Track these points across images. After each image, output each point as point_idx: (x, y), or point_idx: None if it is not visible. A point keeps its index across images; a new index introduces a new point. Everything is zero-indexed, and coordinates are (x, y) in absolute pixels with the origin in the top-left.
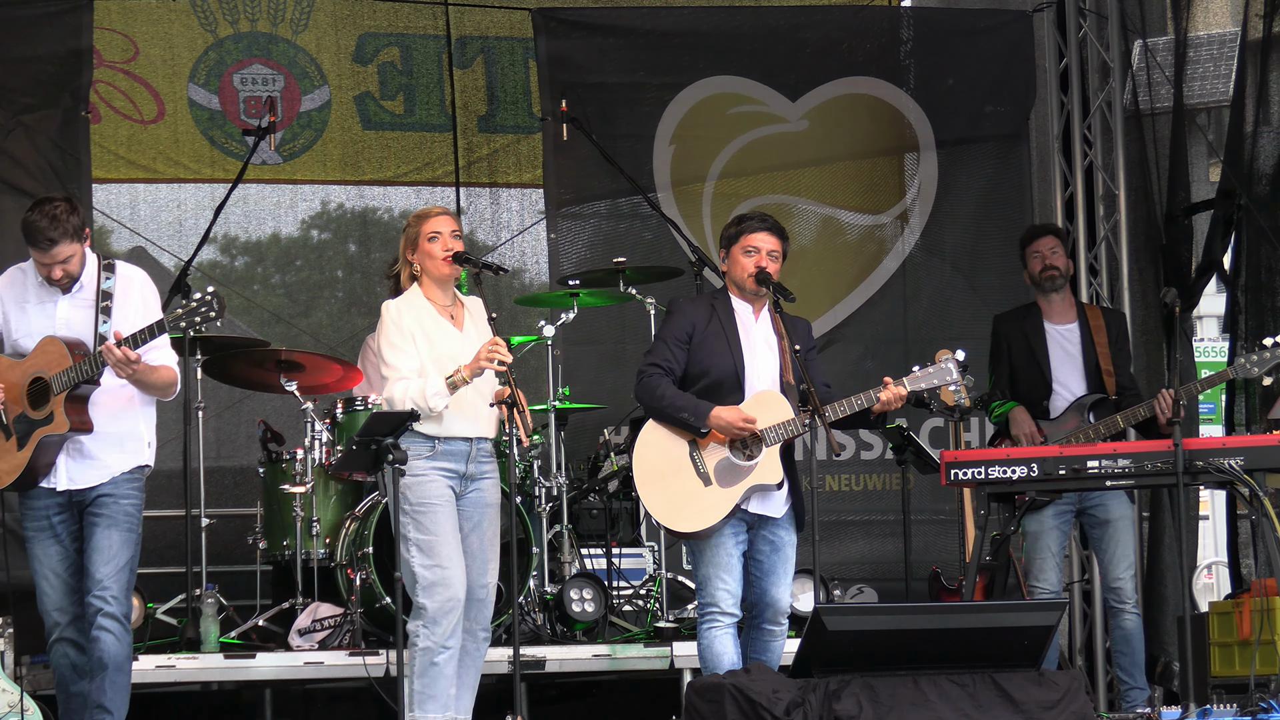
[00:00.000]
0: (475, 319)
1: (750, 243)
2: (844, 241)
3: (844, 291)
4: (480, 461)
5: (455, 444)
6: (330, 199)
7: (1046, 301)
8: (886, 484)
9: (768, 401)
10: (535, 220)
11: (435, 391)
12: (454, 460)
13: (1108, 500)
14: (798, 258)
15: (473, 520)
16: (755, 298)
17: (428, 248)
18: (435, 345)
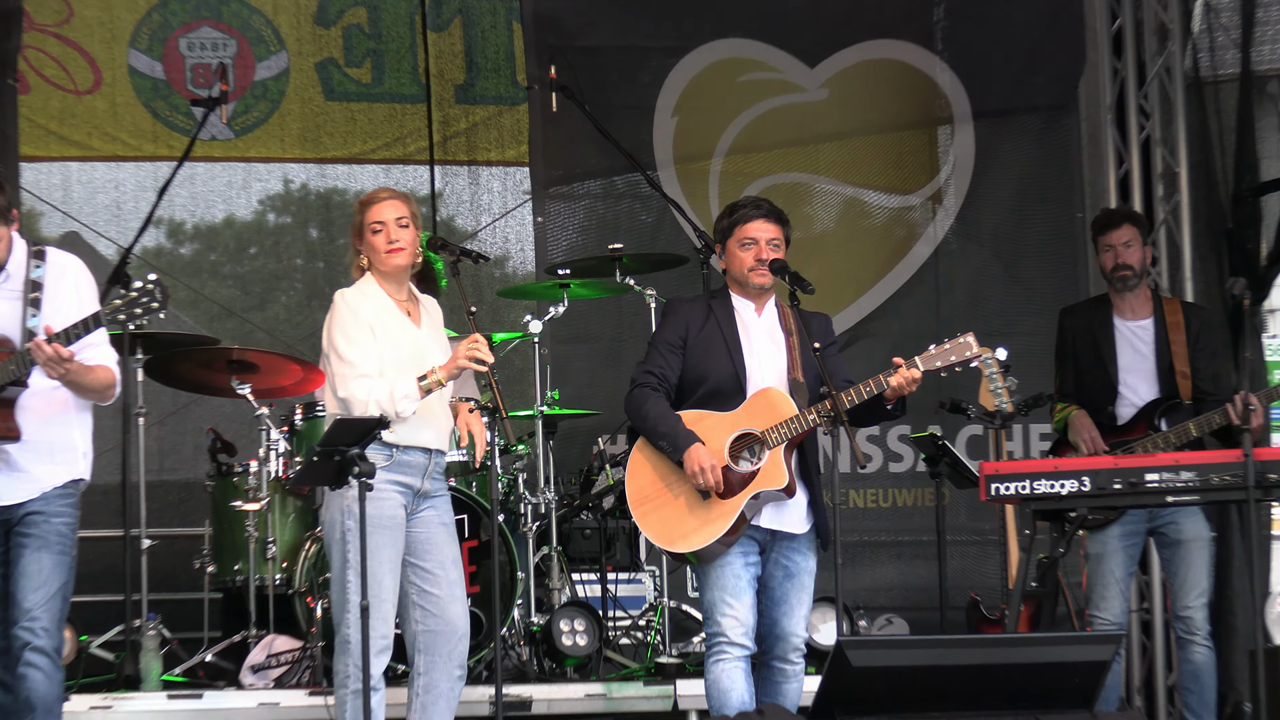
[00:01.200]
0: (432, 319)
1: (746, 234)
2: (869, 225)
3: (870, 282)
4: (435, 478)
5: (414, 455)
6: (289, 178)
7: (1119, 296)
8: (918, 500)
9: (770, 401)
10: (520, 202)
11: (405, 394)
12: (410, 473)
13: (1181, 519)
14: (817, 244)
15: (429, 543)
16: (759, 293)
17: (371, 240)
18: (395, 342)
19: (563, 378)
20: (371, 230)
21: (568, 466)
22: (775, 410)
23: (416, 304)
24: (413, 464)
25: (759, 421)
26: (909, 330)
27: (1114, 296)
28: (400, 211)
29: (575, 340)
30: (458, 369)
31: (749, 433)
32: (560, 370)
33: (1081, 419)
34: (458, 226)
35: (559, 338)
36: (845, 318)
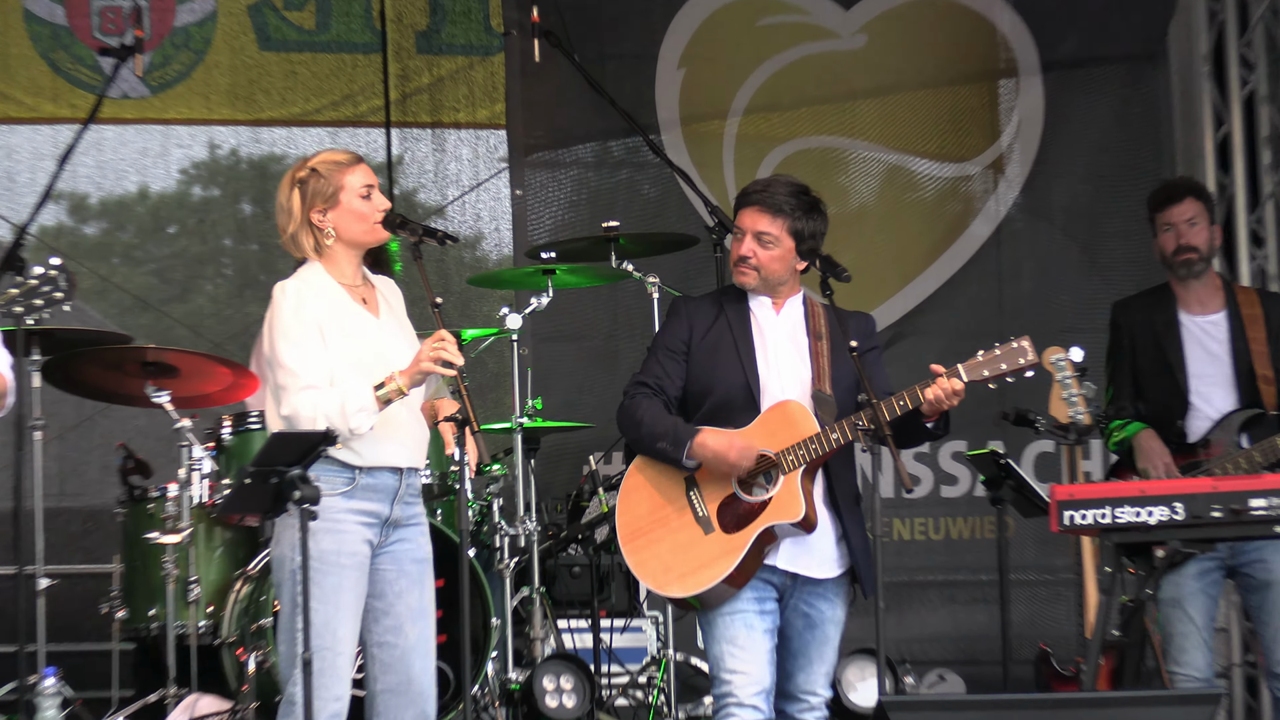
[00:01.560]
0: (392, 306)
1: (738, 222)
2: (916, 200)
3: (917, 268)
4: (408, 502)
5: (381, 477)
6: (216, 143)
7: (1183, 285)
8: (976, 531)
9: (788, 416)
10: (494, 172)
11: (360, 406)
12: (377, 499)
13: (1269, 554)
14: (854, 223)
15: (399, 583)
16: (777, 289)
17: (359, 207)
18: (353, 340)
19: (547, 383)
20: (359, 194)
21: (553, 491)
22: (793, 427)
23: (372, 289)
24: (380, 488)
25: (774, 441)
26: (965, 327)
27: (1176, 286)
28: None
29: (562, 338)
30: (420, 374)
31: (761, 454)
32: (544, 374)
33: (1149, 440)
34: (420, 201)
35: (542, 335)
36: (887, 311)
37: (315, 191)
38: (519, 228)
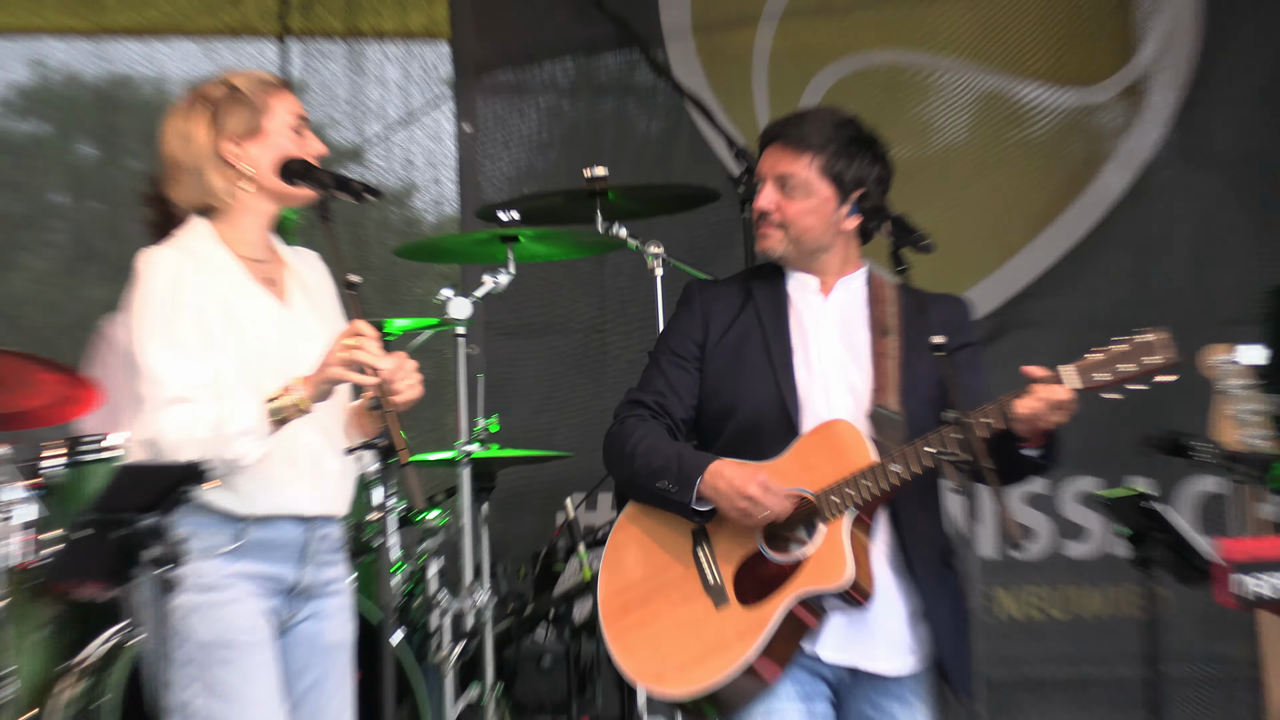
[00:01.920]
0: (310, 291)
1: (759, 170)
2: (1026, 139)
3: (1026, 234)
4: (324, 562)
5: (280, 529)
6: (44, 61)
7: None
8: (1115, 606)
9: (833, 442)
10: (433, 100)
11: (245, 427)
12: (276, 560)
13: None
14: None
15: (305, 677)
16: (820, 259)
17: (288, 144)
18: (244, 334)
19: (506, 396)
20: (292, 128)
21: (514, 548)
22: (840, 457)
23: (281, 266)
24: (279, 544)
25: (814, 476)
26: (1094, 316)
27: None
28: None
29: (527, 333)
30: (327, 382)
31: (797, 494)
32: (502, 384)
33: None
34: (329, 140)
35: (500, 328)
36: (984, 296)
37: (232, 116)
38: (467, 178)
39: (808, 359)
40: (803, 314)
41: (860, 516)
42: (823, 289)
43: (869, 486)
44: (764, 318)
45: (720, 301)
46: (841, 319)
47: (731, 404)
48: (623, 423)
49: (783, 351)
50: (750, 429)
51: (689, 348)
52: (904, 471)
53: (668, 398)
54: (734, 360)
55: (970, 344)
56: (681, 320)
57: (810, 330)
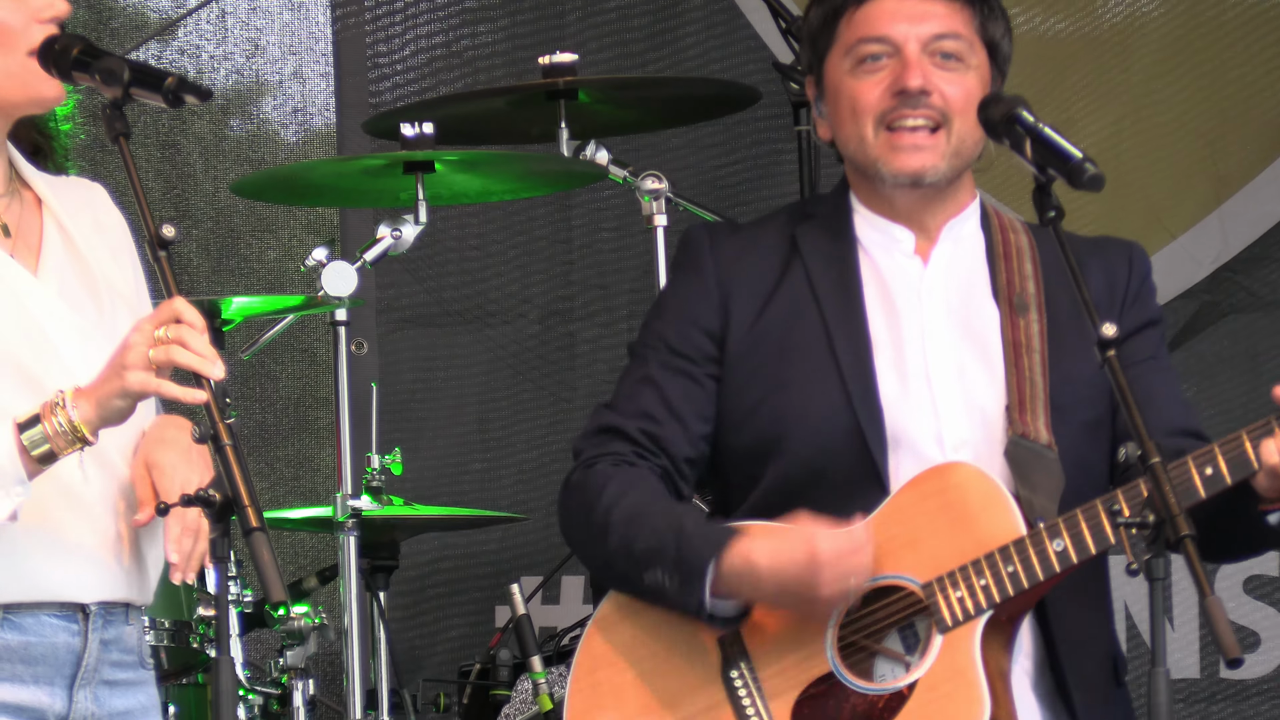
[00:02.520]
0: (76, 243)
1: (863, 28)
2: (1252, 8)
3: (1247, 164)
4: (112, 683)
5: (41, 629)
6: None
7: None
8: None
9: (950, 497)
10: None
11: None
12: (30, 680)
13: None
14: (1103, 58)
15: None
16: (946, 198)
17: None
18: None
19: (415, 418)
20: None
21: (432, 661)
22: (965, 523)
23: (26, 205)
24: (36, 652)
25: (919, 554)
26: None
27: None
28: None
29: (447, 319)
30: (122, 396)
31: (893, 584)
32: (409, 398)
33: None
34: (129, 9)
35: (405, 312)
36: (1179, 259)
37: None
38: (349, 68)
39: (901, 358)
40: (889, 281)
41: (996, 620)
42: (921, 246)
43: (1015, 576)
44: (822, 289)
45: (746, 261)
46: (953, 287)
47: (775, 434)
48: (588, 469)
49: (858, 346)
50: (807, 475)
51: (698, 343)
52: (1073, 552)
53: (663, 424)
54: (777, 362)
55: (1152, 323)
56: (683, 293)
57: (904, 309)
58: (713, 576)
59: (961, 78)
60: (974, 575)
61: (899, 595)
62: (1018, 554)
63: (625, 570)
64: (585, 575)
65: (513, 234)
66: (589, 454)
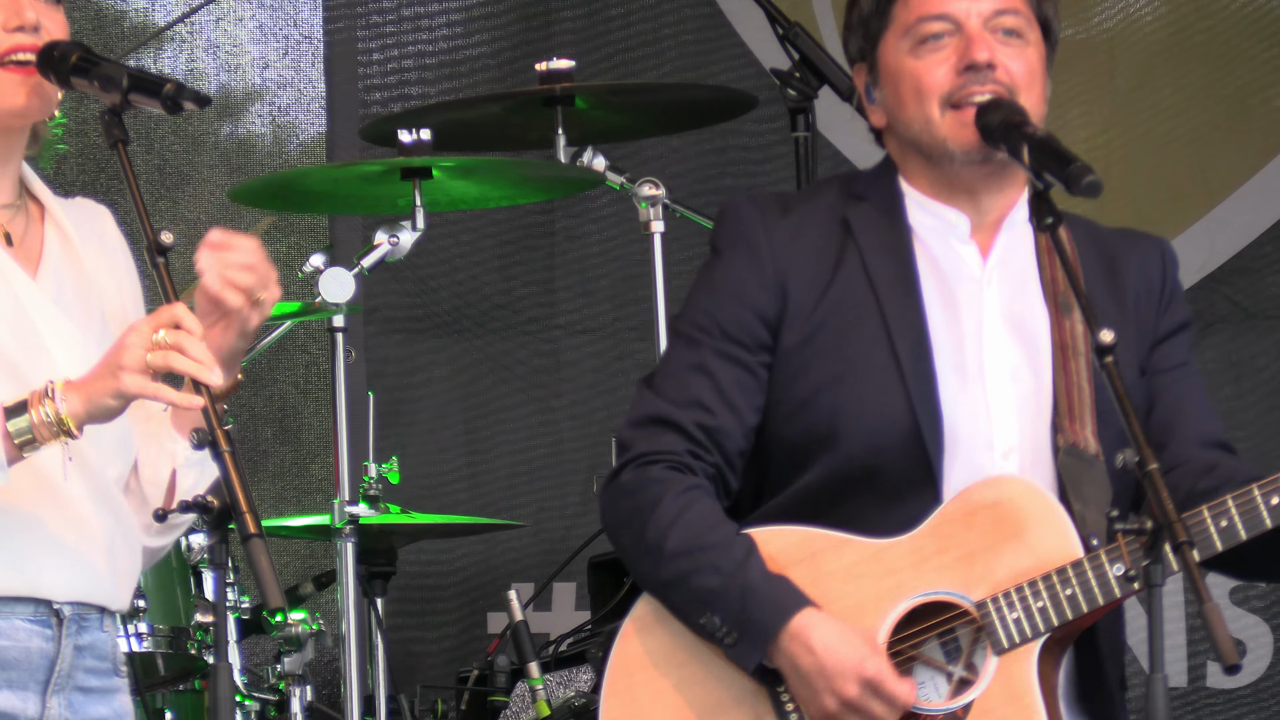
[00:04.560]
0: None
1: (927, 6)
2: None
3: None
4: (87, 690)
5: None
6: None
7: None
8: None
9: (1004, 512)
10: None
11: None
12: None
13: None
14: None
15: None
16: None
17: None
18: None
19: (411, 426)
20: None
21: (428, 667)
22: (1019, 540)
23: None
24: (9, 654)
25: (972, 568)
26: None
27: None
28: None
29: (441, 327)
30: (116, 396)
31: (944, 601)
32: (405, 406)
33: None
34: (124, 13)
35: (397, 319)
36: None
37: None
38: (342, 73)
39: (961, 357)
40: (947, 273)
41: (1050, 640)
42: (980, 238)
43: (1074, 600)
44: (879, 278)
45: (801, 243)
46: (1010, 282)
47: (831, 428)
48: (642, 469)
49: (918, 342)
50: (858, 474)
51: (752, 329)
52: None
53: (717, 415)
54: (833, 353)
55: (1185, 326)
56: (737, 274)
57: (964, 303)
58: (776, 642)
59: (1022, 52)
60: (1031, 597)
61: (951, 613)
62: (1076, 577)
63: (678, 602)
64: (577, 583)
65: (499, 241)
66: (641, 449)
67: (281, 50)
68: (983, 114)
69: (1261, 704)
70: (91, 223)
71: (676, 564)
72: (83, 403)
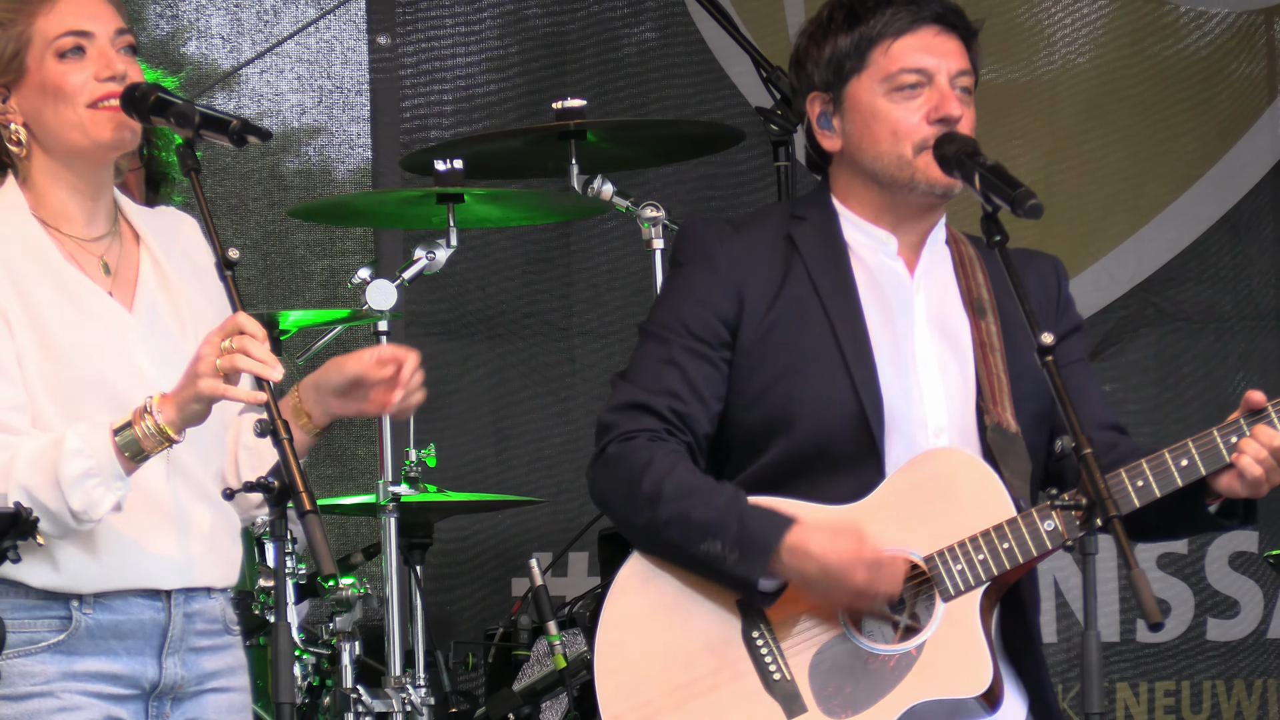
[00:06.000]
0: (168, 277)
1: (900, 59)
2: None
3: (1166, 191)
4: (198, 649)
5: (130, 608)
6: None
7: None
8: (1275, 706)
9: (950, 479)
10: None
11: (86, 469)
12: (124, 653)
13: None
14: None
15: None
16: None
17: (55, 75)
18: (55, 343)
19: (445, 417)
20: (55, 52)
21: (460, 625)
22: (959, 503)
23: (124, 242)
24: (128, 629)
25: (918, 530)
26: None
27: None
28: (115, 18)
29: (472, 329)
30: (198, 400)
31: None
32: (439, 401)
33: None
34: (193, 59)
35: (435, 322)
36: (1108, 274)
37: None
38: (385, 111)
39: (894, 350)
40: (881, 282)
41: (988, 591)
42: (906, 255)
43: (1011, 552)
44: (823, 287)
45: (754, 255)
46: (933, 291)
47: (786, 414)
48: (626, 442)
49: (859, 339)
50: (811, 452)
51: (714, 329)
52: (1063, 529)
53: (688, 404)
54: (786, 349)
55: (1078, 328)
56: (699, 282)
57: (896, 307)
58: (774, 559)
59: (971, 108)
60: (972, 551)
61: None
62: (1012, 533)
63: (677, 538)
64: (589, 552)
65: (522, 256)
66: (624, 428)
67: (333, 93)
68: (940, 145)
69: (1179, 659)
70: (175, 234)
71: (675, 504)
72: (175, 411)
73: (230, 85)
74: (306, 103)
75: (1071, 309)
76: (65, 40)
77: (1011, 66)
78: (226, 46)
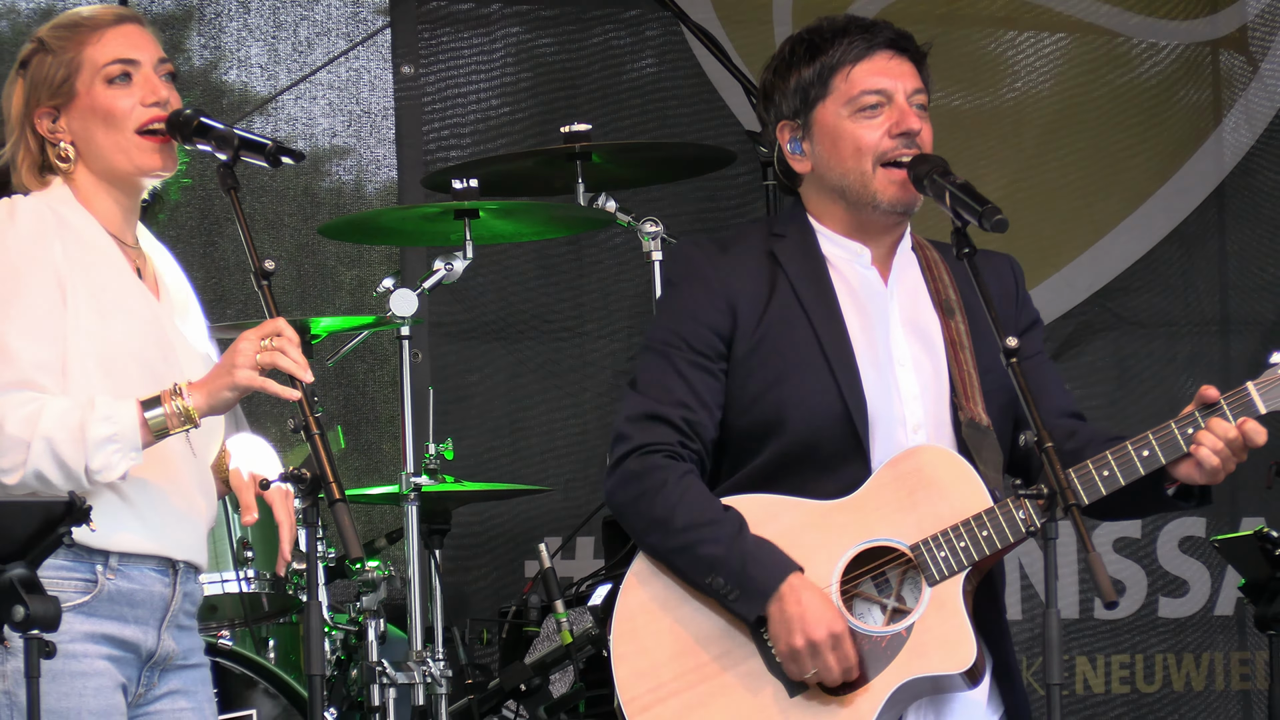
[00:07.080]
0: (170, 286)
1: (861, 83)
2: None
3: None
4: (183, 626)
5: (141, 577)
6: None
7: None
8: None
9: (931, 473)
10: (364, 34)
11: (110, 434)
12: (134, 621)
13: None
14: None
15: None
16: (886, 225)
17: (105, 99)
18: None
19: (463, 413)
20: (105, 78)
21: (474, 605)
22: (941, 495)
23: (145, 258)
24: (139, 597)
25: (904, 520)
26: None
27: None
28: (157, 48)
29: (488, 333)
30: (233, 389)
31: (883, 546)
32: (456, 398)
33: None
34: (232, 87)
35: (453, 327)
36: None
37: (41, 79)
38: (408, 134)
39: (874, 354)
40: (858, 291)
41: (969, 575)
42: (880, 265)
43: (990, 539)
44: (805, 296)
45: (742, 272)
46: (906, 295)
47: (778, 417)
48: (646, 457)
49: (841, 345)
50: (802, 451)
51: (712, 342)
52: (1032, 519)
53: (696, 412)
54: (776, 358)
55: (1036, 323)
56: (694, 300)
57: (873, 314)
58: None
59: (928, 123)
60: (955, 539)
61: (890, 555)
62: (990, 521)
63: (684, 566)
64: (595, 537)
65: (535, 267)
66: (641, 440)
67: (361, 118)
68: (914, 166)
69: (1133, 634)
70: (168, 262)
71: (684, 536)
72: (205, 397)
73: (267, 110)
74: (337, 126)
75: (1029, 304)
76: (114, 68)
77: (980, 94)
78: (264, 75)
